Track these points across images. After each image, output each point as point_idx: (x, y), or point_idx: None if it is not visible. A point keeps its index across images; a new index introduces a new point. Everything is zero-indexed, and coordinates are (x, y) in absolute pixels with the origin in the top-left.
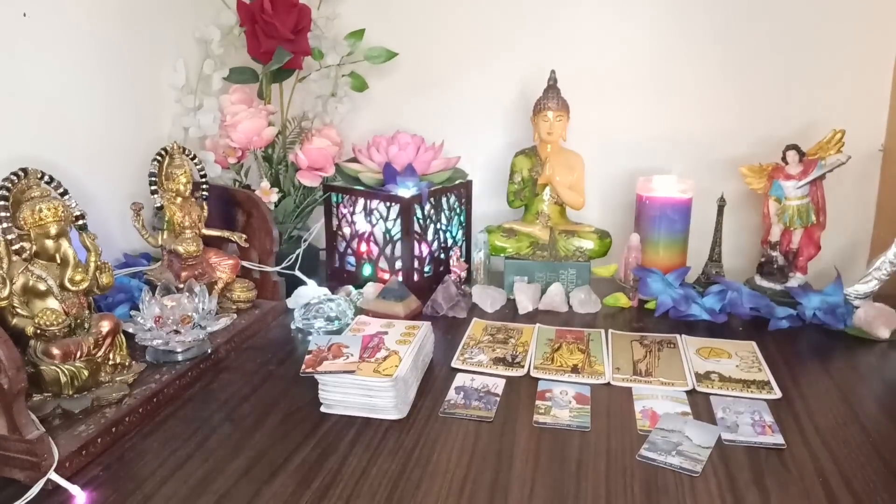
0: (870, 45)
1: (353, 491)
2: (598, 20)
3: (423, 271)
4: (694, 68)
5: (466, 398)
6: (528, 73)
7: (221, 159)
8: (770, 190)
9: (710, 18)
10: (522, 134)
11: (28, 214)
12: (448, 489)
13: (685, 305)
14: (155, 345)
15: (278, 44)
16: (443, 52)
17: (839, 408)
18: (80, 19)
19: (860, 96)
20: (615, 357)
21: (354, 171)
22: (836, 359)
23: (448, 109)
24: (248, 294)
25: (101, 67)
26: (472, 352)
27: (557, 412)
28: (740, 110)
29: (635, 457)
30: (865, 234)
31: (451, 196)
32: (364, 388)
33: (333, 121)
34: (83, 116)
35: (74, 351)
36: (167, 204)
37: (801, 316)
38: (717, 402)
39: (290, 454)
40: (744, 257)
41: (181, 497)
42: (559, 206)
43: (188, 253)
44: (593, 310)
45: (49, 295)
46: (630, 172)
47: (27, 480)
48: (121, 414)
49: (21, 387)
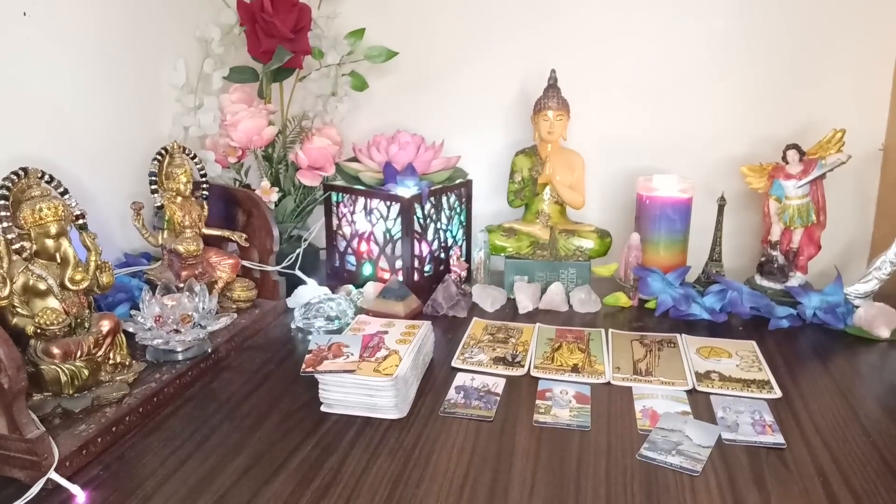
0: (870, 44)
1: (354, 490)
2: (599, 19)
3: (424, 271)
4: (695, 68)
5: (467, 397)
6: (529, 72)
7: (221, 158)
8: (770, 189)
9: (711, 18)
10: (523, 133)
11: (28, 214)
12: (448, 489)
13: (685, 305)
14: (155, 344)
15: (278, 43)
16: (443, 51)
17: (839, 407)
18: (81, 18)
19: (860, 96)
20: (615, 356)
21: (355, 171)
22: (837, 358)
23: (448, 109)
24: (248, 293)
25: (101, 66)
26: (472, 351)
27: (558, 412)
28: (740, 110)
29: (635, 456)
30: (865, 233)
31: (452, 195)
32: (364, 387)
33: (334, 120)
34: (83, 115)
35: (75, 350)
36: (167, 203)
37: (802, 315)
38: (718, 401)
39: (290, 454)
40: (744, 257)
41: (181, 496)
42: (559, 205)
43: (188, 252)
44: (593, 309)
45: (49, 294)
46: (630, 172)
47: (27, 480)
48: (121, 413)
49: (21, 386)
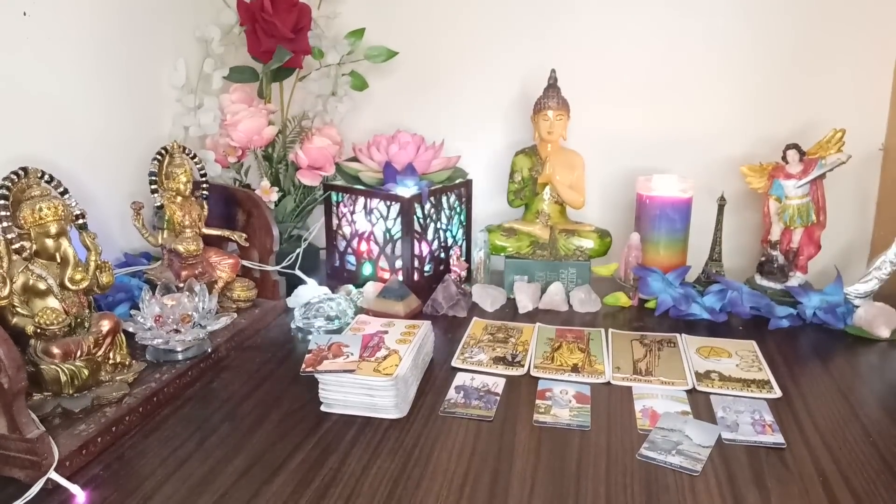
0: (870, 44)
1: (353, 490)
2: (599, 19)
3: (424, 270)
4: (694, 67)
5: (466, 397)
6: (529, 72)
7: (221, 158)
8: (770, 189)
9: (711, 18)
10: (523, 133)
11: (28, 213)
12: (448, 488)
13: (685, 305)
14: (155, 344)
15: (278, 43)
16: (443, 50)
17: (839, 407)
18: (81, 18)
19: (860, 95)
20: (615, 356)
21: (354, 171)
22: (837, 358)
23: (448, 108)
24: (248, 293)
25: (101, 66)
26: (472, 351)
27: (557, 411)
28: (740, 109)
29: (635, 456)
30: (865, 233)
31: (452, 195)
32: (364, 387)
33: (334, 120)
34: (83, 115)
35: (74, 350)
36: (167, 203)
37: (802, 315)
38: (718, 401)
39: (290, 453)
40: (744, 256)
41: (181, 496)
42: (559, 205)
43: (188, 252)
44: (593, 309)
45: (49, 294)
46: (630, 171)
47: (27, 479)
48: (121, 413)
49: (21, 386)
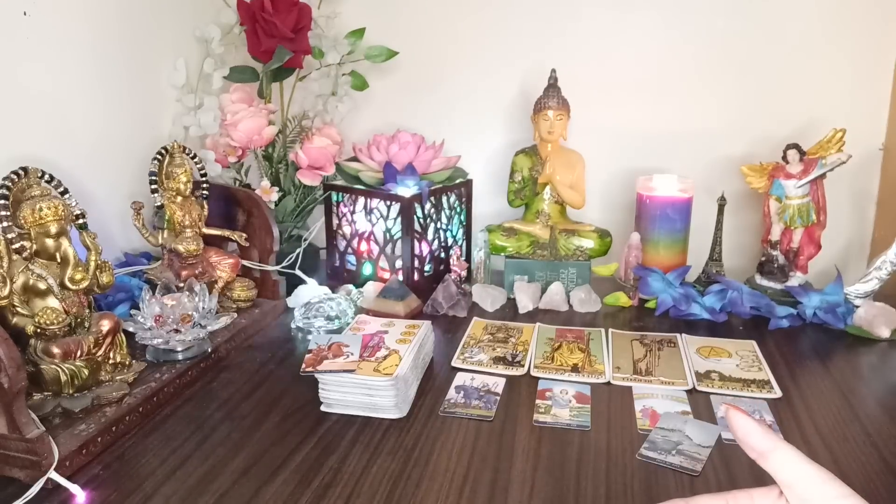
0: (870, 43)
1: (353, 490)
2: (599, 19)
3: (424, 270)
4: (694, 67)
5: (466, 397)
6: (529, 71)
7: (222, 158)
8: (770, 189)
9: (711, 17)
10: (523, 133)
11: (28, 213)
12: (448, 488)
13: (685, 304)
14: (155, 344)
15: (279, 43)
16: (443, 50)
17: (839, 407)
18: (81, 18)
19: (861, 95)
20: (615, 356)
21: (355, 170)
22: (837, 358)
23: (448, 108)
24: (248, 293)
25: (101, 66)
26: (472, 351)
27: (557, 411)
28: (740, 109)
29: (635, 456)
30: (865, 233)
31: (452, 195)
32: (364, 387)
33: (334, 120)
34: (83, 115)
35: (75, 350)
36: (167, 203)
37: (802, 315)
38: (718, 401)
39: (289, 453)
40: (744, 256)
41: (181, 496)
42: (559, 205)
43: (188, 252)
44: (593, 309)
45: (49, 294)
46: (630, 171)
47: (27, 479)
48: (121, 413)
49: (21, 386)
